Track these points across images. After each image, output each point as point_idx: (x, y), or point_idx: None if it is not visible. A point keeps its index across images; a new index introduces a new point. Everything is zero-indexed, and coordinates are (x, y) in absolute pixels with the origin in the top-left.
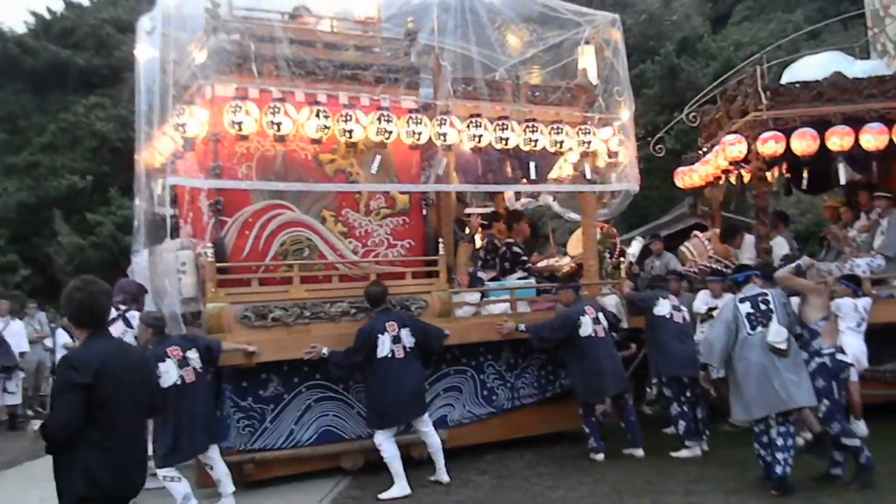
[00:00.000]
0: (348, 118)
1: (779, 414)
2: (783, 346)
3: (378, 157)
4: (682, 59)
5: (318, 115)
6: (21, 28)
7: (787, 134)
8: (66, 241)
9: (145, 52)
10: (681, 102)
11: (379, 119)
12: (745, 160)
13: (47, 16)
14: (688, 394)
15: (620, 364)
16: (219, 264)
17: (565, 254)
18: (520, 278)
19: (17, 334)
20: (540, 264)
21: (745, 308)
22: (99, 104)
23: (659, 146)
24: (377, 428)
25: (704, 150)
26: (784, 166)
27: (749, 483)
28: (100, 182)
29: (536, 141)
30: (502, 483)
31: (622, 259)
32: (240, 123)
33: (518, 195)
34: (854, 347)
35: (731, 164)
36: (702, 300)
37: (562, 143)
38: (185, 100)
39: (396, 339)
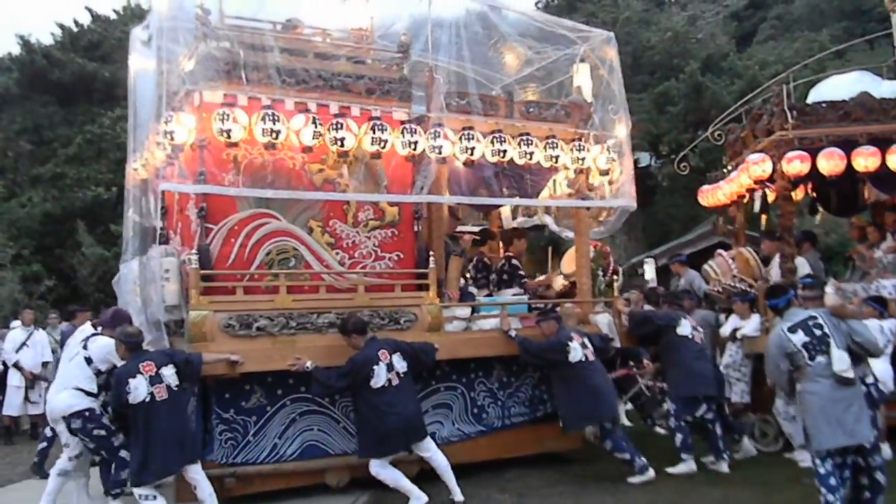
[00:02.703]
0: (339, 126)
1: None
2: (850, 375)
3: (363, 167)
4: (706, 78)
5: (313, 123)
6: (48, 40)
7: (813, 153)
8: (90, 251)
9: (139, 62)
10: (705, 121)
11: (373, 128)
12: (770, 179)
13: (74, 28)
14: (697, 415)
15: (613, 388)
16: (203, 271)
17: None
18: (514, 294)
19: (41, 344)
20: (534, 281)
21: (799, 338)
22: (124, 116)
23: (683, 164)
24: (375, 457)
25: (729, 168)
26: (810, 186)
27: None
28: (123, 193)
29: (532, 154)
30: (522, 501)
31: (616, 277)
32: (228, 131)
33: (515, 214)
34: (880, 370)
35: (755, 183)
36: (731, 324)
37: (557, 157)
38: (174, 107)
39: (390, 367)
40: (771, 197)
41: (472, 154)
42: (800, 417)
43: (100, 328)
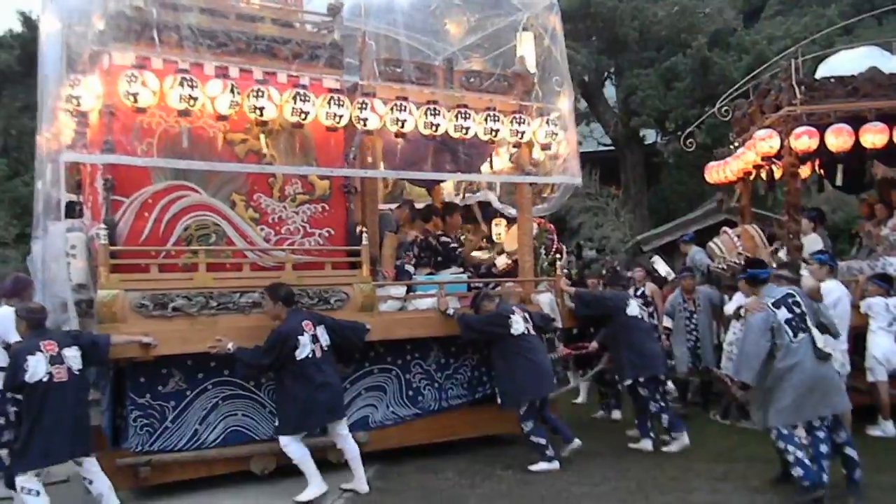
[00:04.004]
0: (260, 94)
1: (825, 419)
2: (829, 350)
3: (289, 136)
4: (714, 53)
5: (231, 91)
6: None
7: (821, 129)
8: None
9: (50, 22)
10: (712, 96)
11: (294, 98)
12: (778, 156)
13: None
14: (661, 390)
15: (551, 366)
16: (112, 248)
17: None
18: (454, 273)
19: None
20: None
21: (783, 314)
22: None
23: (690, 140)
24: (293, 433)
25: (736, 144)
26: (818, 162)
27: (774, 482)
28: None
29: (468, 129)
30: (526, 477)
31: (559, 256)
32: (136, 95)
33: (458, 191)
34: (884, 347)
35: (762, 159)
36: (735, 302)
37: (496, 131)
38: (79, 70)
39: (315, 339)
40: (778, 173)
41: (403, 126)
42: (771, 395)
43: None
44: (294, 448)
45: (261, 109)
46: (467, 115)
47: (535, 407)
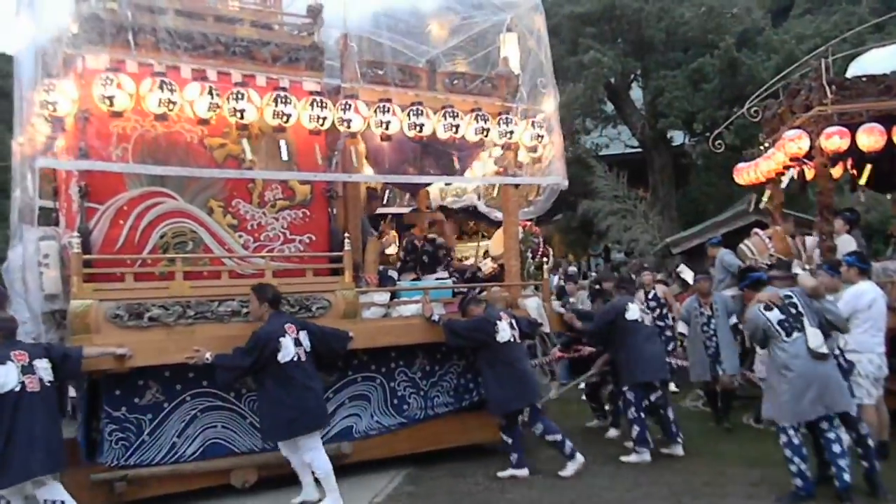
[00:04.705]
0: (240, 97)
1: (830, 418)
2: (824, 350)
3: (269, 141)
4: (742, 53)
5: (209, 93)
6: None
7: (853, 129)
8: None
9: (23, 27)
10: (741, 97)
11: (276, 101)
12: (808, 156)
13: None
14: (651, 398)
15: (534, 372)
16: (86, 256)
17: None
18: (439, 278)
19: None
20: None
21: (775, 315)
22: None
23: (718, 142)
24: (280, 439)
25: (766, 145)
26: (850, 162)
27: None
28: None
29: (457, 127)
30: (557, 482)
31: (545, 259)
32: (111, 98)
33: (443, 194)
34: None
35: (792, 160)
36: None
37: (486, 130)
38: (54, 74)
39: (297, 342)
40: (809, 174)
41: (387, 128)
42: (772, 390)
43: None
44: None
45: (241, 112)
46: (455, 114)
47: (516, 416)
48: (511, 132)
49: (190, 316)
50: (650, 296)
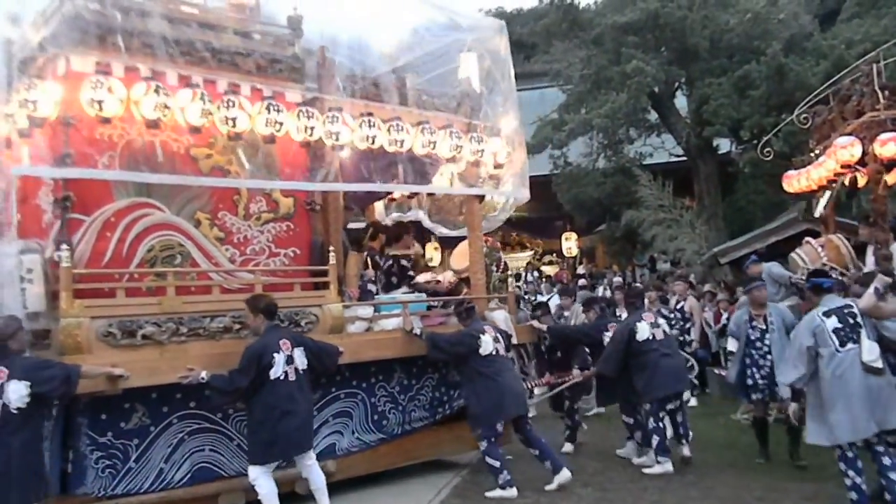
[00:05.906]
0: (231, 104)
1: (884, 434)
2: (879, 365)
3: (257, 152)
4: (789, 59)
5: (201, 99)
6: None
7: None
8: None
9: None
10: (788, 104)
11: (268, 108)
12: (861, 163)
13: None
14: (669, 407)
15: (521, 384)
16: (76, 271)
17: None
18: (404, 293)
19: None
20: (420, 278)
21: (832, 323)
22: None
23: (766, 149)
24: (262, 462)
25: (816, 152)
26: None
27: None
28: None
29: (434, 143)
30: (605, 496)
31: (508, 273)
32: (101, 102)
33: (388, 210)
34: None
35: (844, 167)
36: None
37: (460, 147)
38: (33, 73)
39: (290, 360)
40: (862, 181)
41: (373, 143)
42: (816, 403)
43: None
44: (263, 481)
45: (233, 120)
46: (433, 130)
47: (496, 428)
48: (482, 149)
49: (183, 333)
50: (677, 306)
